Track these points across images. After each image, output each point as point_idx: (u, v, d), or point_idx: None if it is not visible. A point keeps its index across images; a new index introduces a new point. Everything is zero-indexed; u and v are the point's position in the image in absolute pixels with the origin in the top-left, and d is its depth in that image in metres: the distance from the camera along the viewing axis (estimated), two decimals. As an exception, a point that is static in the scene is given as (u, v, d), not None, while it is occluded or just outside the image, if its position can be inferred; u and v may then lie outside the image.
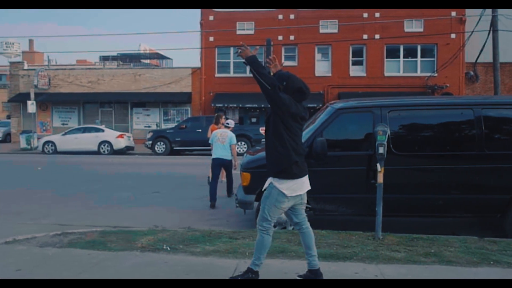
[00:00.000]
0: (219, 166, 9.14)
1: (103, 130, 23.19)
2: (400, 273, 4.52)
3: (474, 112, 6.20)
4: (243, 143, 20.29)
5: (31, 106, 25.40)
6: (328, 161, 6.22)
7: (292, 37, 26.62)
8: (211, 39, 27.30)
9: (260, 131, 20.28)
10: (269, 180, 4.10)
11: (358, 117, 6.60)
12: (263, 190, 4.19)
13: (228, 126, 9.65)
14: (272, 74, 4.31)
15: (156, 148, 21.75)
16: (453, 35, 25.46)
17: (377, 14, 25.85)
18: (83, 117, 29.66)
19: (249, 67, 3.94)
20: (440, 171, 6.25)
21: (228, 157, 9.06)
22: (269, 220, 4.04)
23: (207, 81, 27.65)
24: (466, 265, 4.81)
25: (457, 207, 6.29)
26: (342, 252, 5.16)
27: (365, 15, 25.92)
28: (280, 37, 26.52)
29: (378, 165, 5.64)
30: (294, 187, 3.98)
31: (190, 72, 28.28)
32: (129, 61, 37.84)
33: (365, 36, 26.19)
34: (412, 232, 6.07)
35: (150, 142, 21.87)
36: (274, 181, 4.01)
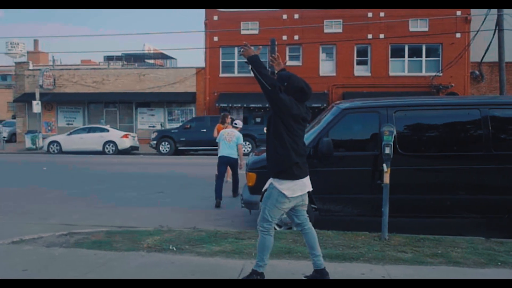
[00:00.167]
0: (225, 164, 9.19)
1: (108, 130, 23.26)
2: (407, 274, 4.50)
3: (481, 112, 6.18)
4: (247, 143, 20.29)
5: (36, 106, 25.49)
6: (334, 161, 6.23)
7: (296, 37, 26.59)
8: (215, 39, 27.32)
9: (265, 131, 20.23)
10: (270, 180, 4.08)
11: (364, 117, 6.58)
12: (263, 190, 4.18)
13: (236, 126, 9.77)
14: (275, 72, 4.31)
15: (160, 148, 21.80)
16: (458, 35, 25.34)
17: (381, 14, 25.77)
18: (87, 117, 29.76)
19: (250, 66, 3.92)
20: (446, 171, 6.22)
21: (234, 155, 9.14)
22: (269, 220, 4.02)
23: (212, 81, 27.67)
24: (473, 266, 4.79)
25: (464, 207, 6.26)
26: (348, 253, 5.14)
27: (370, 14, 25.85)
28: (284, 37, 26.49)
29: (384, 165, 5.62)
30: (295, 187, 3.97)
31: (194, 72, 28.31)
32: (134, 61, 37.92)
33: (369, 36, 26.13)
34: (418, 233, 6.03)
35: (155, 142, 21.93)
36: (275, 181, 4.00)
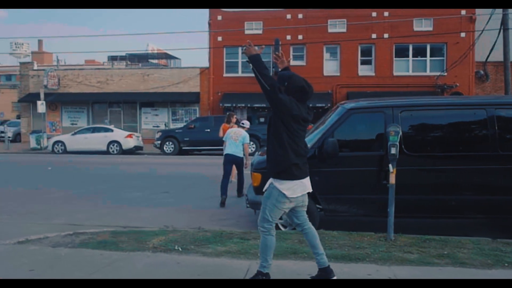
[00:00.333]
0: (231, 163, 9.20)
1: (112, 130, 23.30)
2: (413, 275, 4.48)
3: (487, 112, 6.14)
4: (251, 143, 20.27)
5: (41, 106, 25.57)
6: (339, 161, 6.20)
7: (300, 37, 26.56)
8: (219, 39, 27.33)
9: None
10: (270, 180, 4.08)
11: (369, 118, 6.56)
12: (263, 190, 4.17)
13: (244, 126, 9.79)
14: (279, 70, 4.33)
15: (165, 148, 21.82)
16: (462, 34, 25.23)
17: (386, 13, 25.70)
18: (92, 117, 29.84)
19: (251, 66, 3.91)
20: (452, 172, 6.18)
21: (239, 154, 9.15)
22: (270, 221, 4.02)
23: (216, 81, 27.68)
24: (480, 267, 4.76)
25: (470, 208, 6.22)
26: (354, 254, 5.13)
27: (374, 14, 25.78)
28: (288, 37, 26.46)
29: (390, 166, 5.59)
30: (295, 188, 3.96)
31: (198, 72, 28.32)
32: (137, 61, 38.01)
33: (373, 36, 26.06)
34: (424, 233, 6.00)
35: (159, 142, 21.95)
36: (275, 181, 3.99)
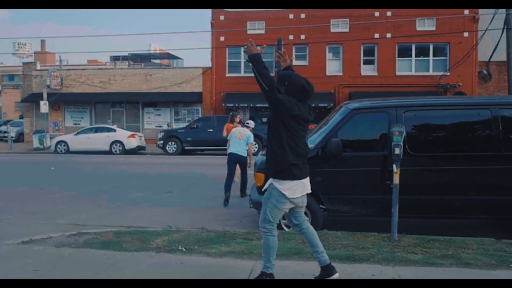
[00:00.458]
0: (234, 162, 9.21)
1: (115, 130, 23.34)
2: (418, 276, 4.46)
3: (492, 112, 6.12)
4: (254, 143, 20.21)
5: (44, 106, 25.62)
6: (342, 161, 6.19)
7: (303, 37, 26.54)
8: (221, 39, 27.33)
9: None
10: (270, 181, 4.06)
11: (373, 118, 6.55)
12: (263, 190, 4.17)
13: (248, 126, 9.80)
14: (282, 68, 4.33)
15: (167, 148, 21.83)
16: (466, 34, 25.17)
17: (388, 13, 25.66)
18: (94, 117, 29.89)
19: (251, 65, 3.91)
20: (456, 172, 6.16)
21: (243, 153, 9.16)
22: (271, 221, 4.01)
23: (218, 81, 27.68)
24: (484, 267, 4.74)
25: (474, 208, 6.20)
26: (358, 254, 5.12)
27: (377, 14, 25.74)
28: (291, 37, 26.45)
29: (394, 166, 5.58)
30: (295, 188, 3.95)
31: (200, 72, 28.33)
32: (140, 61, 38.06)
33: (376, 35, 26.02)
34: (427, 234, 5.99)
35: (162, 142, 21.96)
36: (275, 181, 3.98)
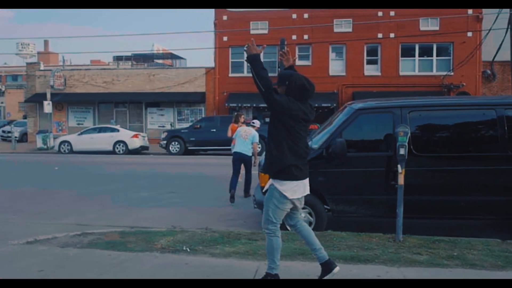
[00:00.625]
0: (239, 161, 9.24)
1: (118, 130, 23.36)
2: (423, 277, 4.44)
3: (497, 113, 6.09)
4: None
5: (47, 106, 25.68)
6: (347, 162, 6.18)
7: (306, 37, 26.51)
8: (225, 39, 27.34)
9: None
10: (270, 181, 4.05)
11: (378, 118, 6.53)
12: (263, 191, 4.16)
13: (254, 125, 9.83)
14: (284, 68, 4.32)
15: (170, 148, 21.83)
16: (469, 34, 25.10)
17: (392, 13, 25.60)
18: (98, 117, 29.93)
19: (249, 65, 3.91)
20: (461, 172, 6.14)
21: (248, 153, 9.18)
22: (274, 222, 4.00)
23: (221, 81, 27.69)
24: (490, 268, 4.72)
25: (480, 209, 6.17)
26: (363, 255, 5.10)
27: (380, 13, 25.69)
28: (294, 37, 26.41)
29: (399, 166, 5.56)
30: (295, 188, 3.94)
31: (204, 72, 28.34)
32: (143, 61, 38.16)
33: (379, 35, 25.98)
34: (432, 234, 5.97)
35: (165, 142, 21.96)
36: (275, 182, 3.97)
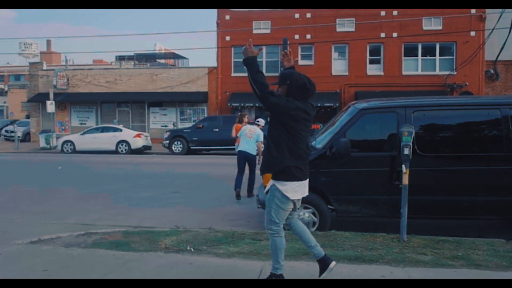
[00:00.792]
0: (244, 160, 9.27)
1: (121, 130, 23.39)
2: (428, 277, 4.43)
3: (502, 112, 6.07)
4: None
5: (50, 106, 25.74)
6: (351, 162, 6.16)
7: (308, 36, 26.48)
8: (227, 38, 27.33)
9: None
10: (271, 182, 4.03)
11: (382, 118, 6.52)
12: (265, 192, 4.16)
13: (258, 124, 9.88)
14: (285, 68, 4.32)
15: (173, 148, 21.84)
16: (472, 33, 25.01)
17: (394, 12, 25.55)
18: (100, 116, 29.98)
19: (245, 68, 3.90)
20: (466, 172, 6.12)
21: (252, 151, 9.21)
22: (277, 222, 3.99)
23: (224, 80, 27.69)
24: (495, 269, 4.70)
25: (485, 209, 6.15)
26: (367, 255, 5.09)
27: (383, 13, 25.64)
28: (296, 36, 26.39)
29: (403, 166, 5.55)
30: (297, 189, 3.94)
31: (206, 72, 28.35)
32: (145, 61, 38.18)
33: (382, 35, 25.92)
34: (436, 234, 5.95)
35: (168, 141, 21.97)
36: (276, 183, 3.95)
